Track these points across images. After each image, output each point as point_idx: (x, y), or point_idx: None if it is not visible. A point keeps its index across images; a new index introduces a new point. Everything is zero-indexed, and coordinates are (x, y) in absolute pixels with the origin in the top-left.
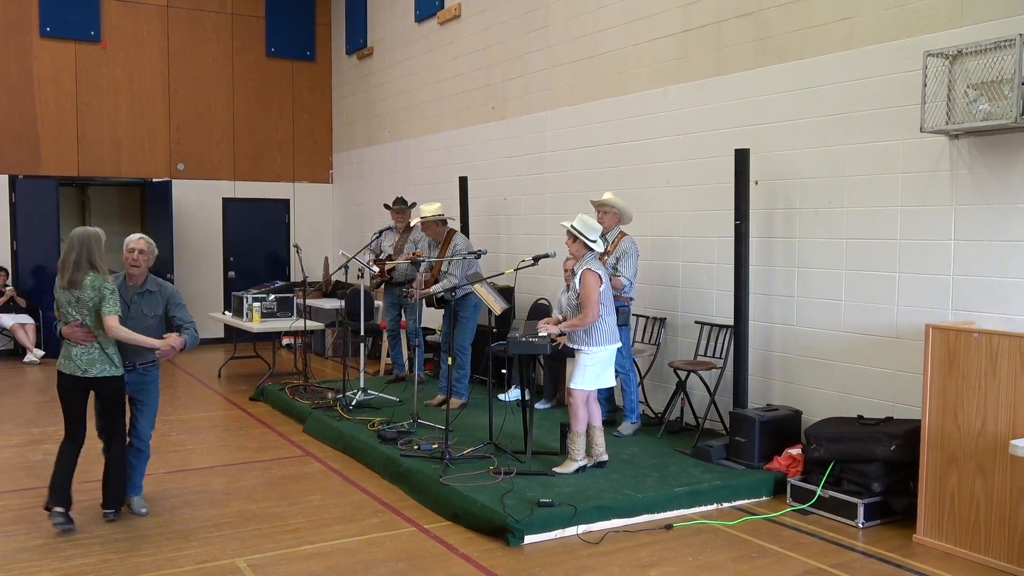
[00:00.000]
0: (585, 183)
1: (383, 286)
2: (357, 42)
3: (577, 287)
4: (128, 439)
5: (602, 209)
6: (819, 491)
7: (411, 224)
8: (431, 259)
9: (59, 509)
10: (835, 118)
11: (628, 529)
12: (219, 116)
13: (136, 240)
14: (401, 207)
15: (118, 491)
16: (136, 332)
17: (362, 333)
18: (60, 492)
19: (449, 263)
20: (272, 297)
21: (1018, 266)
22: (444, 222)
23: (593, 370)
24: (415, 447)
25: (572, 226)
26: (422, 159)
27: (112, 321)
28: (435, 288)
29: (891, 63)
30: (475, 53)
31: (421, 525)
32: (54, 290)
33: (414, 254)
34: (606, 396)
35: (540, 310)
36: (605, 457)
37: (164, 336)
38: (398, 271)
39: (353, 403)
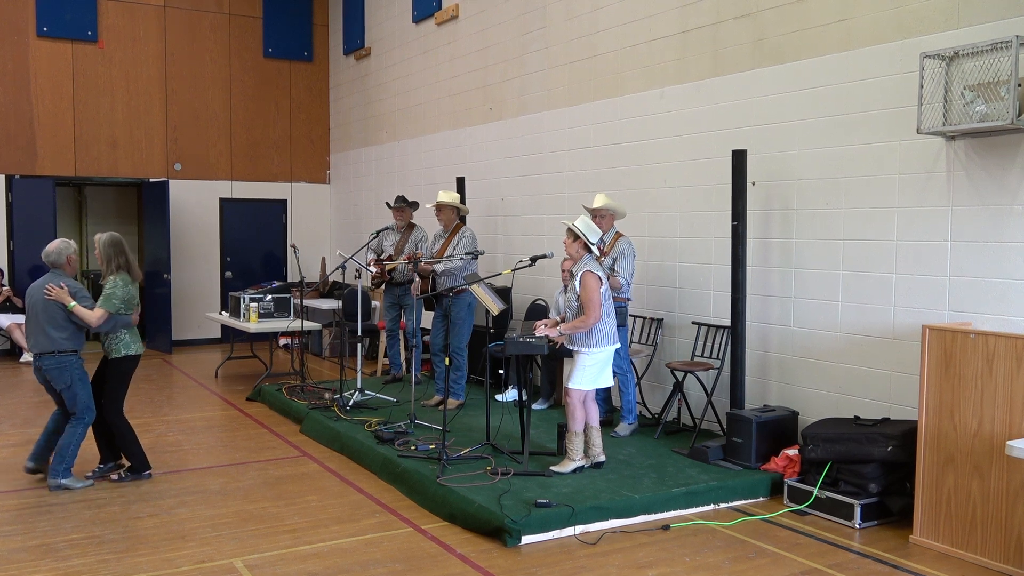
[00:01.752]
0: (582, 184)
1: (383, 286)
2: (354, 42)
3: (577, 289)
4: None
5: (598, 214)
6: (816, 492)
7: (413, 222)
8: (430, 258)
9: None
10: (832, 119)
11: (625, 529)
12: (216, 116)
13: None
14: (402, 206)
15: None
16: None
17: (359, 333)
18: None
19: (454, 249)
20: (269, 297)
21: (1014, 267)
22: (457, 210)
23: (592, 370)
24: (412, 447)
25: (574, 225)
26: (419, 159)
27: None
28: (437, 266)
29: (888, 64)
30: (472, 54)
31: (418, 525)
32: (128, 286)
33: (414, 254)
34: (603, 396)
35: (537, 311)
36: (602, 458)
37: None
38: (398, 271)
39: (350, 403)
